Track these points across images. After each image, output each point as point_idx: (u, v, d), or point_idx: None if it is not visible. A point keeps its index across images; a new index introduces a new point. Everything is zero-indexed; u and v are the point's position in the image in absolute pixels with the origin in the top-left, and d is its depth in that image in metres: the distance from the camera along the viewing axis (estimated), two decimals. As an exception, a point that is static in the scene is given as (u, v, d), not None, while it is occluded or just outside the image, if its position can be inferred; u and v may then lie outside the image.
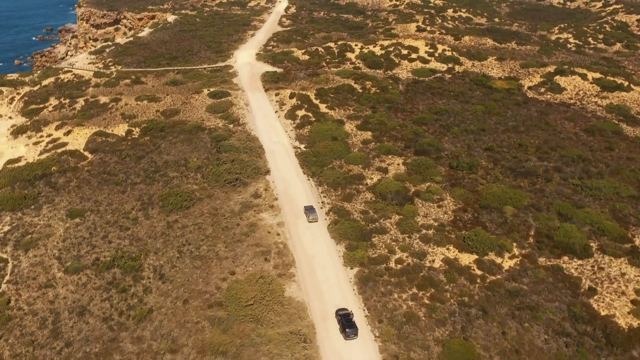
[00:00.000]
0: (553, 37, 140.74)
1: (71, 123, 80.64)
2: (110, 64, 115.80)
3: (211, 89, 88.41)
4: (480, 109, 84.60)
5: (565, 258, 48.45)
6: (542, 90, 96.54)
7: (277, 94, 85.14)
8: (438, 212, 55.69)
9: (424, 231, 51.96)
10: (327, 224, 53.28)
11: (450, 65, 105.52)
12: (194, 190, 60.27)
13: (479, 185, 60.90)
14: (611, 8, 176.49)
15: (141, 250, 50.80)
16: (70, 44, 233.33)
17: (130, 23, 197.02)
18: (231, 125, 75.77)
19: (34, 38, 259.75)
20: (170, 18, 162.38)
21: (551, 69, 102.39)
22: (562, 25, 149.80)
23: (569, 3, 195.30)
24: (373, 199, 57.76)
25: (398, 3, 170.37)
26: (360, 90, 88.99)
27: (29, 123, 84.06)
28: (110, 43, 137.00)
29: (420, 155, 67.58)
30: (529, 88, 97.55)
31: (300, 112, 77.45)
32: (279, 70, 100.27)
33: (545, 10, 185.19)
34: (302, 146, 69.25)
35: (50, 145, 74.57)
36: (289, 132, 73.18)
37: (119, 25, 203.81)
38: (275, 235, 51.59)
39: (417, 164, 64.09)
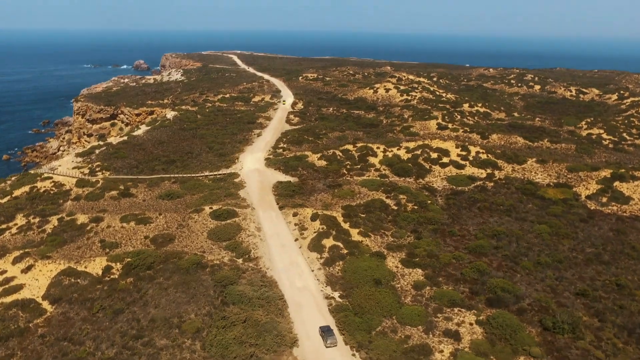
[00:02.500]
0: (583, 133, 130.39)
1: (35, 253, 63.52)
2: (97, 169, 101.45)
3: (214, 207, 72.77)
4: (544, 230, 68.95)
5: None
6: (604, 200, 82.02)
7: (295, 214, 69.38)
8: (555, 418, 37.18)
9: None
10: None
11: (489, 171, 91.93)
12: (190, 374, 41.79)
13: (595, 360, 43.10)
14: (629, 101, 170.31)
15: None
16: (63, 138, 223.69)
17: (127, 118, 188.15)
18: (240, 260, 58.85)
19: (29, 131, 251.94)
20: (170, 114, 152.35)
21: (606, 173, 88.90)
22: (588, 120, 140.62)
23: (581, 96, 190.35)
24: (453, 392, 39.44)
25: (410, 98, 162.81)
26: (395, 207, 73.68)
27: (-18, 253, 66.73)
28: (101, 143, 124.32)
29: (495, 306, 50.34)
30: (588, 198, 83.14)
31: (328, 242, 61.11)
32: (293, 179, 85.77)
33: (560, 103, 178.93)
34: (336, 295, 51.86)
35: (0, 290, 56.72)
36: (317, 272, 56.09)
37: (115, 121, 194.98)
38: None
39: (499, 325, 46.53)
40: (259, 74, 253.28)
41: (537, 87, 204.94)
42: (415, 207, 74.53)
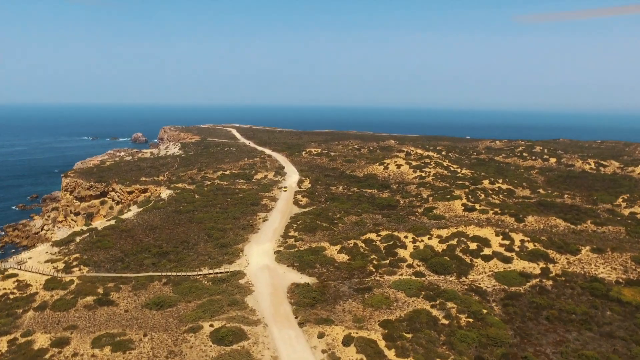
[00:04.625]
0: (625, 212, 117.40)
1: (-30, 400, 46.44)
2: (74, 262, 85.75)
3: (215, 323, 56.72)
4: (645, 354, 53.15)
5: None
6: (694, 304, 66.84)
7: (321, 335, 53.39)
8: None
9: None
10: None
11: (542, 265, 77.22)
12: None
13: None
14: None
15: None
16: (48, 216, 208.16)
17: (118, 196, 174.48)
18: (251, 415, 42.12)
19: (13, 207, 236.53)
20: (164, 194, 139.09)
21: (684, 268, 74.52)
22: (624, 196, 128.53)
23: (601, 169, 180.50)
24: None
25: (424, 174, 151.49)
26: (446, 322, 57.97)
27: None
28: (84, 228, 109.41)
29: None
30: (672, 301, 67.94)
31: (371, 383, 44.83)
32: (310, 280, 70.36)
33: (582, 177, 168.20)
34: None
35: None
36: None
37: (105, 199, 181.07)
38: None
39: None
40: (260, 148, 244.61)
41: (553, 160, 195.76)
42: (470, 319, 58.83)
